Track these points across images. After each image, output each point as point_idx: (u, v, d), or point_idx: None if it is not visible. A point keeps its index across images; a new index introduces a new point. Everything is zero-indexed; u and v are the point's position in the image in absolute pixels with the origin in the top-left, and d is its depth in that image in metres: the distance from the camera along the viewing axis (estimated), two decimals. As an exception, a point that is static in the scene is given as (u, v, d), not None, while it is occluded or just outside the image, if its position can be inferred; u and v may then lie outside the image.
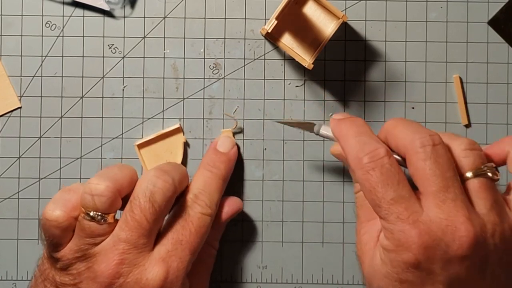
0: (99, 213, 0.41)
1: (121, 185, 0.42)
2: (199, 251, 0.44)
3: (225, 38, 0.50)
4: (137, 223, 0.41)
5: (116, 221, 0.42)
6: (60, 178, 0.50)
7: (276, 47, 0.50)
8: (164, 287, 0.41)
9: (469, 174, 0.40)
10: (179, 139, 0.50)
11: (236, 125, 0.50)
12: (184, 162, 0.50)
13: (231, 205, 0.48)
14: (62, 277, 0.42)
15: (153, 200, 0.42)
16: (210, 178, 0.46)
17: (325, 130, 0.46)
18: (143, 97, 0.50)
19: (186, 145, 0.50)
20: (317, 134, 0.46)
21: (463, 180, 0.40)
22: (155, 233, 0.43)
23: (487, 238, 0.38)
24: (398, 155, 0.42)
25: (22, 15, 0.50)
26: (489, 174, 0.40)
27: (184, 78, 0.50)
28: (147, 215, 0.41)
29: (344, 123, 0.43)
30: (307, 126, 0.47)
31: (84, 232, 0.42)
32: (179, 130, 0.50)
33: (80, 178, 0.50)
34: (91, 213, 0.41)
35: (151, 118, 0.50)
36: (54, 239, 0.42)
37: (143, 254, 0.41)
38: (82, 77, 0.50)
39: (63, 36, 0.50)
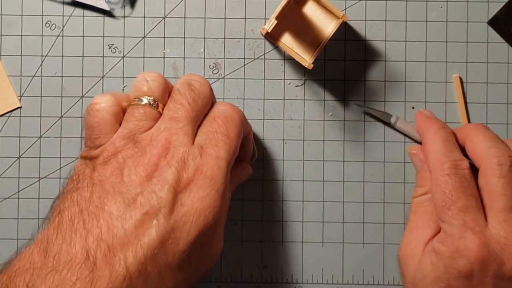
0: (152, 98, 0.41)
1: (166, 82, 0.43)
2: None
3: (225, 38, 0.50)
4: (180, 105, 0.41)
5: None
6: (60, 178, 0.50)
7: (276, 47, 0.50)
8: (203, 171, 0.40)
9: None
10: None
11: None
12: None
13: (245, 167, 0.48)
14: (102, 170, 0.39)
15: (193, 87, 0.42)
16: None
17: (402, 124, 0.49)
18: (143, 97, 0.50)
19: None
20: (393, 126, 0.49)
21: None
22: (196, 124, 0.42)
23: None
24: (472, 161, 0.43)
25: (22, 15, 0.50)
26: None
27: (184, 78, 0.50)
28: (189, 98, 0.41)
29: (433, 122, 0.46)
30: (385, 116, 0.49)
31: (134, 117, 0.41)
32: None
33: (80, 178, 0.50)
34: (144, 99, 0.41)
35: (151, 118, 0.50)
36: (100, 125, 0.41)
37: (188, 137, 0.40)
38: (82, 77, 0.50)
39: (63, 36, 0.50)
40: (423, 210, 0.44)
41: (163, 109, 0.42)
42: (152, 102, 0.41)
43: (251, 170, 0.49)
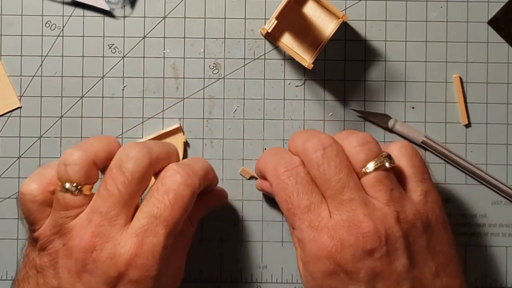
0: (74, 184, 0.40)
1: (96, 155, 0.41)
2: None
3: (225, 38, 0.50)
4: (108, 193, 0.40)
5: (93, 194, 0.41)
6: (60, 178, 0.50)
7: (276, 47, 0.50)
8: (137, 262, 0.39)
9: (364, 170, 0.41)
10: (179, 139, 0.50)
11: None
12: (184, 162, 0.50)
13: (219, 193, 0.48)
14: (41, 258, 0.41)
15: (125, 168, 0.40)
16: (197, 158, 0.46)
17: (401, 127, 0.49)
18: (143, 97, 0.50)
19: (186, 145, 0.50)
20: (392, 129, 0.49)
21: (360, 176, 0.41)
22: (131, 206, 0.41)
23: (392, 227, 0.39)
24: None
25: (22, 15, 0.50)
26: (386, 164, 0.41)
27: (184, 78, 0.50)
28: (118, 184, 0.40)
29: (262, 156, 0.45)
30: (382, 119, 0.49)
31: (59, 205, 0.40)
32: (179, 130, 0.50)
33: (80, 178, 0.50)
34: (66, 185, 0.40)
35: (151, 118, 0.50)
36: (31, 215, 0.41)
37: (117, 227, 0.40)
38: (82, 77, 0.50)
39: (63, 36, 0.50)
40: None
41: (91, 189, 0.41)
42: (74, 189, 0.40)
43: (226, 194, 0.48)
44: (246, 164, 0.50)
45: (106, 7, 0.50)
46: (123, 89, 0.50)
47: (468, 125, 0.50)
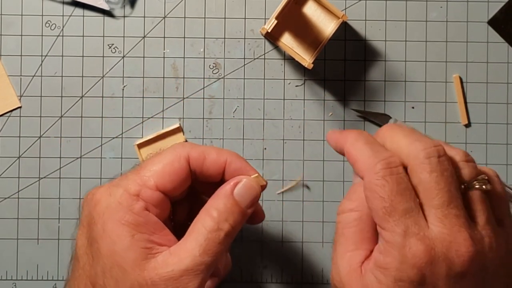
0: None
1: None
2: None
3: (225, 38, 0.50)
4: None
5: None
6: (60, 178, 0.50)
7: (276, 47, 0.50)
8: None
9: (466, 187, 0.39)
10: (179, 138, 0.50)
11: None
12: (184, 162, 0.50)
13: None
14: None
15: None
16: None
17: None
18: (143, 97, 0.50)
19: None
20: None
21: (461, 192, 0.40)
22: None
23: (486, 253, 0.38)
24: None
25: (22, 15, 0.50)
26: (484, 186, 0.39)
27: (184, 77, 0.50)
28: None
29: (348, 132, 0.42)
30: (382, 118, 0.49)
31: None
32: (179, 130, 0.50)
33: (80, 178, 0.50)
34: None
35: (151, 117, 0.50)
36: None
37: None
38: (82, 77, 0.50)
39: (63, 36, 0.50)
40: (350, 232, 0.41)
41: None
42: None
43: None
44: (246, 164, 0.50)
45: (106, 7, 0.50)
46: (123, 89, 0.50)
47: (468, 125, 0.50)
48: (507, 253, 0.40)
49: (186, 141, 0.50)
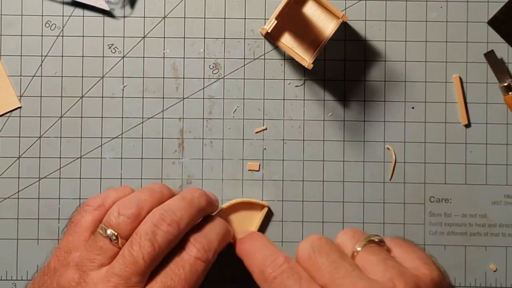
0: (116, 234, 0.42)
1: (146, 213, 0.43)
2: None
3: (225, 38, 0.50)
4: (133, 260, 0.41)
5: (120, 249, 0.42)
6: (60, 178, 0.50)
7: (276, 47, 0.50)
8: None
9: (355, 250, 0.42)
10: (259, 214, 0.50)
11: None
12: (184, 162, 0.50)
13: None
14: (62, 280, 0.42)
15: (154, 240, 0.41)
16: (217, 223, 0.46)
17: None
18: (143, 97, 0.50)
19: (269, 211, 0.50)
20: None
21: (353, 258, 0.42)
22: (149, 272, 0.42)
23: None
24: None
25: (22, 15, 0.50)
26: (375, 239, 0.42)
27: (184, 78, 0.50)
28: (144, 254, 0.41)
29: (244, 241, 0.45)
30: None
31: (92, 248, 0.42)
32: (264, 207, 0.50)
33: (80, 178, 0.50)
34: (108, 231, 0.42)
35: (151, 118, 0.50)
36: (75, 235, 0.44)
37: None
38: (82, 77, 0.50)
39: (63, 36, 0.50)
40: None
41: (124, 244, 0.42)
42: (113, 238, 0.41)
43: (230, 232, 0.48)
44: (245, 164, 0.50)
45: (106, 7, 0.50)
46: (123, 89, 0.50)
47: (468, 125, 0.50)
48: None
49: (268, 207, 0.50)
